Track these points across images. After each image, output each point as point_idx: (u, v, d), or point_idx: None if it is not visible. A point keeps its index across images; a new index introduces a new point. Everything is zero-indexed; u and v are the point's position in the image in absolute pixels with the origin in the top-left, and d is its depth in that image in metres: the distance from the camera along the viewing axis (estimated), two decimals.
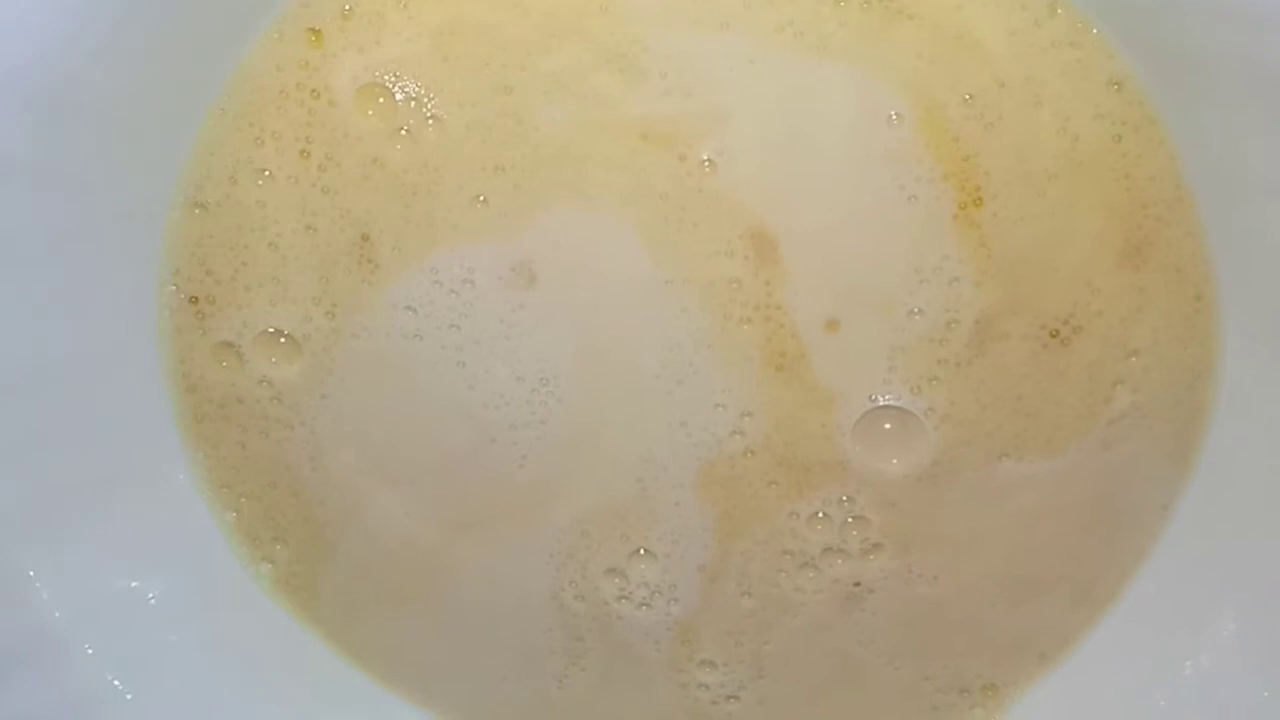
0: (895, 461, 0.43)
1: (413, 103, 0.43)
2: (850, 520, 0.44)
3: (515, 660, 0.45)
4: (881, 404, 0.43)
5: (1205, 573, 0.43)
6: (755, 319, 0.43)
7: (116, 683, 0.42)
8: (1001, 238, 0.42)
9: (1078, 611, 0.45)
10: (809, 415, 0.43)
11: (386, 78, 0.43)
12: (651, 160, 0.42)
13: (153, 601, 0.43)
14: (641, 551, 0.44)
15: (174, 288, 0.44)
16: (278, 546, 0.45)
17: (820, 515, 0.44)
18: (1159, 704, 0.43)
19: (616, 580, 0.44)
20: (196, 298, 0.44)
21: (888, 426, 0.43)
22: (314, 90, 0.43)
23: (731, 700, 0.45)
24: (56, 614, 0.41)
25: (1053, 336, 0.43)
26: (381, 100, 0.43)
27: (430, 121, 0.43)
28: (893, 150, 0.42)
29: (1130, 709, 0.43)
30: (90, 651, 0.42)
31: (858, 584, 0.44)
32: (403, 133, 0.43)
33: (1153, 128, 0.42)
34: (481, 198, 0.43)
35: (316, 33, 0.43)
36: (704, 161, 0.42)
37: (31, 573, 0.41)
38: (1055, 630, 0.45)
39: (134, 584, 0.43)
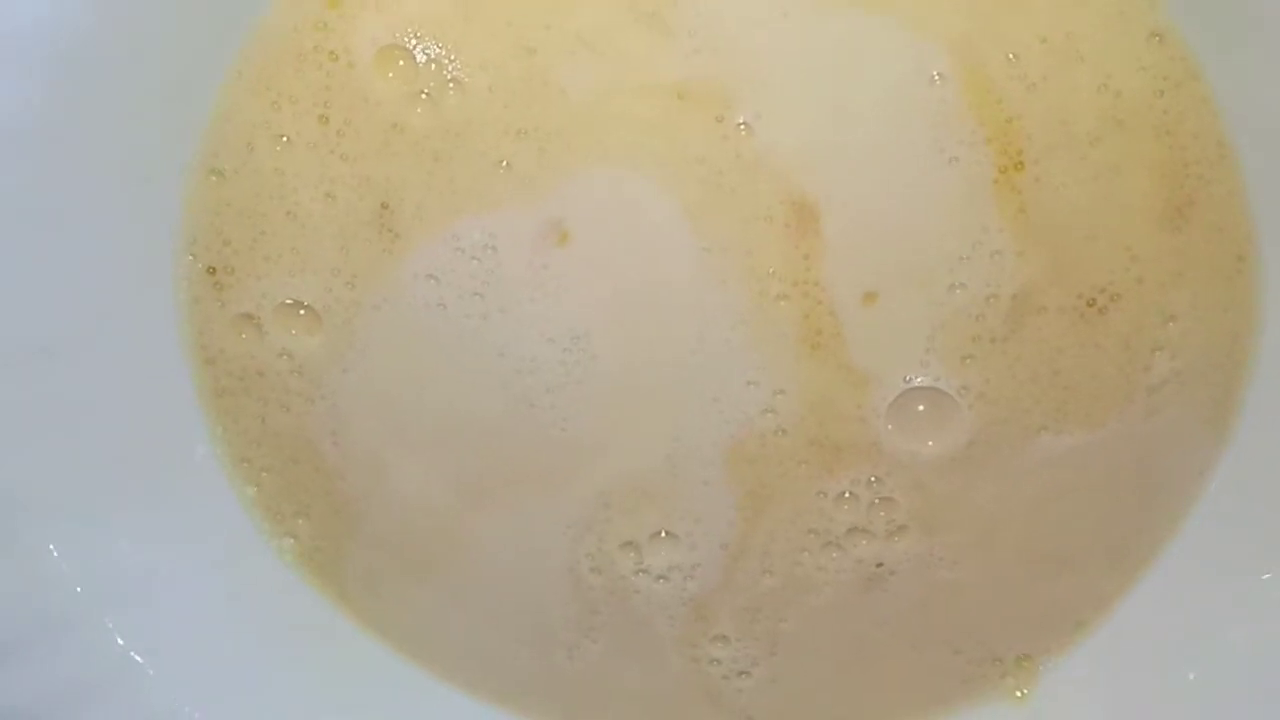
0: (930, 444, 0.43)
1: (433, 65, 0.42)
2: (877, 501, 0.43)
3: (530, 630, 0.45)
4: (917, 385, 0.42)
5: (1243, 538, 0.43)
6: (793, 295, 0.42)
7: (138, 657, 0.42)
8: (1041, 204, 0.41)
9: (1113, 578, 0.44)
10: (843, 395, 0.42)
11: (407, 39, 0.41)
12: (686, 123, 0.41)
13: (174, 576, 0.43)
14: (665, 526, 0.44)
15: (191, 257, 0.43)
16: (300, 521, 0.45)
17: (847, 495, 0.43)
18: (1194, 671, 0.42)
19: (633, 554, 0.44)
20: (214, 268, 0.43)
21: (922, 408, 0.43)
22: (332, 52, 0.42)
23: (743, 676, 0.45)
24: (77, 588, 0.41)
25: (1090, 306, 0.42)
26: (401, 62, 0.42)
27: (451, 84, 0.42)
28: (935, 112, 0.41)
29: (1165, 677, 0.43)
30: (111, 626, 0.42)
31: (880, 565, 0.44)
32: (423, 96, 0.42)
33: (1195, 82, 0.41)
34: (505, 163, 0.42)
35: None
36: (740, 125, 0.41)
37: (52, 547, 0.41)
38: (1091, 597, 0.44)
39: (155, 558, 0.43)
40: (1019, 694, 0.44)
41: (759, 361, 0.42)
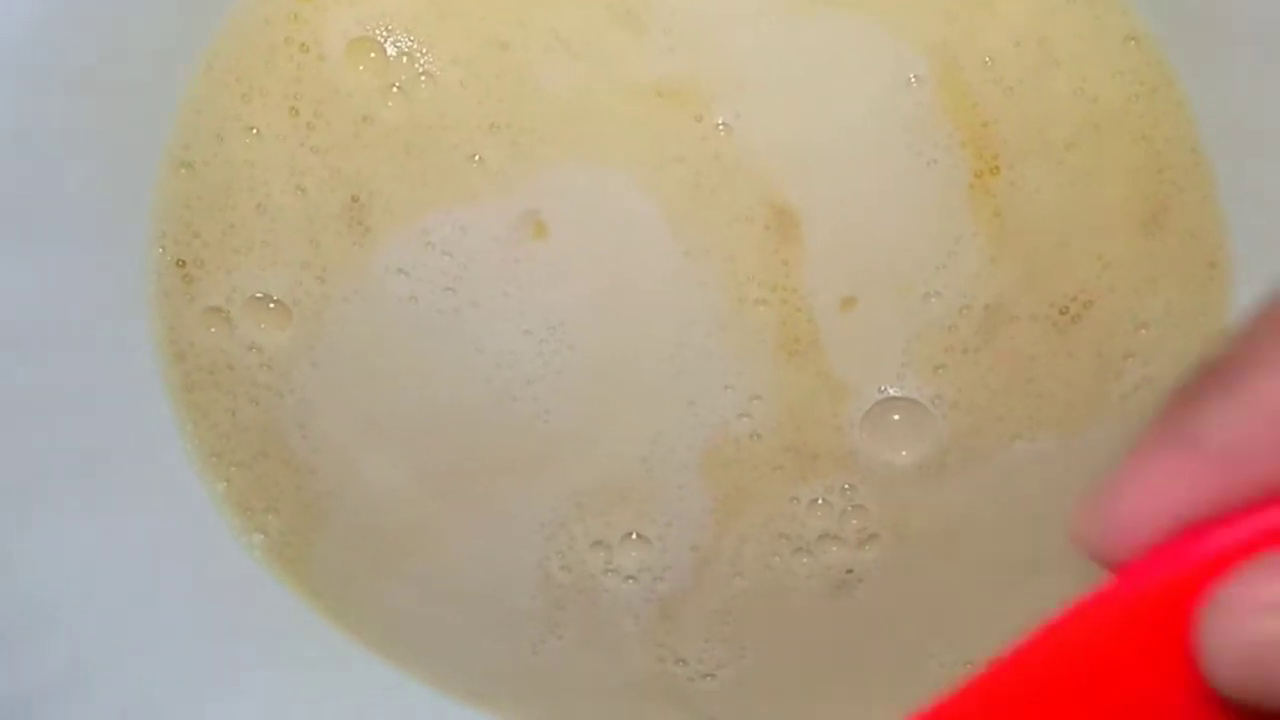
0: (905, 453, 0.43)
1: (405, 58, 0.41)
2: (850, 508, 0.43)
3: (495, 624, 0.45)
4: (892, 394, 0.42)
5: None
6: (771, 300, 0.42)
7: (105, 653, 0.41)
8: (1016, 208, 0.41)
9: (1084, 582, 0.44)
10: (819, 403, 0.42)
11: (378, 31, 0.41)
12: (665, 121, 0.41)
13: (143, 571, 0.43)
14: (636, 527, 0.44)
15: (161, 250, 0.43)
16: (269, 517, 0.44)
17: (820, 502, 0.43)
18: None
19: (604, 554, 0.44)
20: (184, 261, 0.42)
21: (897, 417, 0.42)
22: (303, 44, 0.41)
23: (708, 678, 0.45)
24: (44, 583, 0.41)
25: (1062, 314, 0.42)
26: (373, 55, 0.41)
27: (423, 78, 0.41)
28: (912, 115, 0.41)
29: None
30: (79, 622, 0.41)
31: (850, 571, 0.44)
32: (395, 89, 0.41)
33: (1170, 86, 0.41)
34: (477, 157, 0.41)
35: None
36: (719, 125, 0.41)
37: (17, 541, 0.40)
38: (1062, 600, 0.44)
39: (123, 553, 0.42)
40: None
41: (736, 366, 0.42)
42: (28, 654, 0.40)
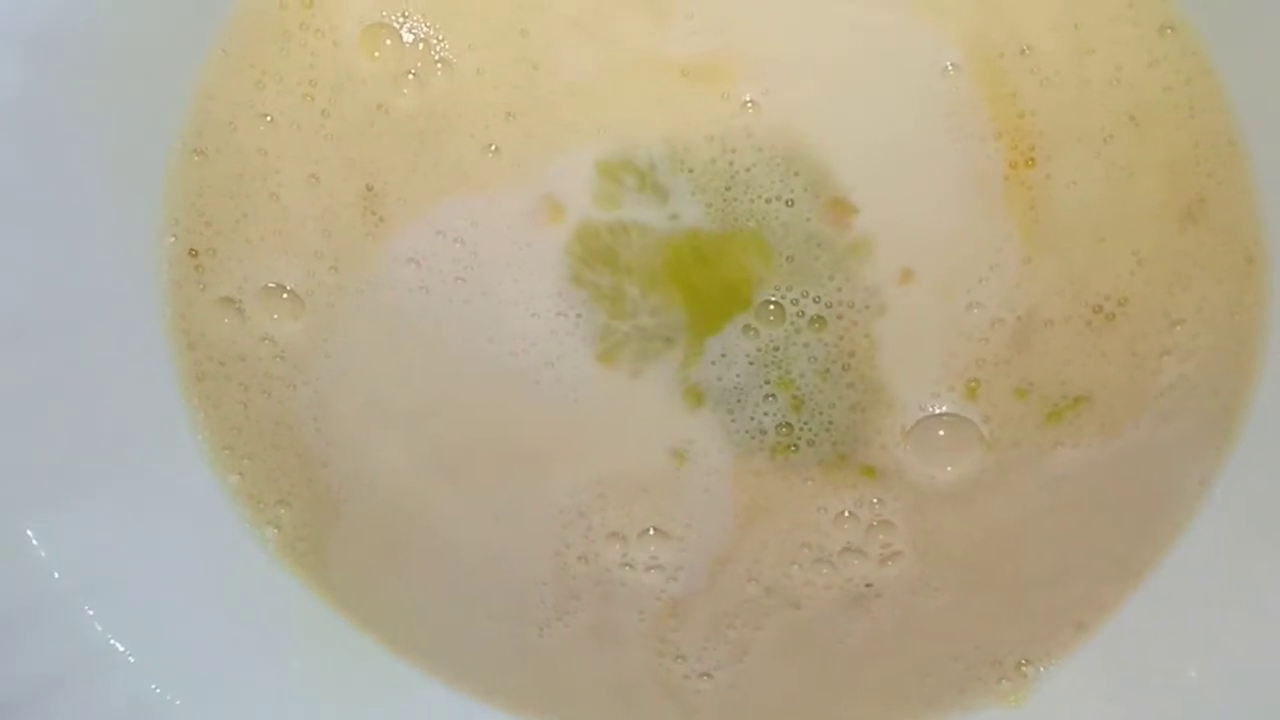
0: (949, 469, 0.42)
1: (421, 45, 0.41)
2: (876, 523, 0.42)
3: (505, 608, 0.44)
4: (937, 411, 0.41)
5: (1245, 544, 0.42)
6: (822, 309, 0.41)
7: (118, 645, 0.41)
8: (1051, 202, 0.40)
9: (1115, 583, 0.43)
10: (863, 417, 0.42)
11: (394, 17, 0.41)
12: (691, 101, 0.40)
13: (154, 563, 0.42)
14: (656, 524, 0.43)
15: (173, 239, 0.42)
16: (282, 510, 0.44)
17: (847, 514, 0.42)
18: (1194, 675, 0.42)
19: (620, 547, 0.43)
20: (196, 250, 0.42)
21: (942, 433, 0.42)
22: (318, 30, 0.41)
23: (704, 678, 0.44)
24: (55, 575, 0.41)
25: (1096, 313, 0.41)
26: (388, 42, 0.41)
27: (439, 65, 0.41)
28: (948, 104, 0.40)
29: (1164, 682, 0.42)
30: (90, 613, 0.41)
31: (869, 585, 0.43)
32: (410, 76, 0.41)
33: (1206, 77, 0.40)
34: (493, 147, 0.41)
35: None
36: (747, 103, 0.40)
37: (30, 533, 0.40)
38: (1092, 602, 0.43)
39: (135, 546, 0.42)
40: (1014, 699, 0.44)
41: (778, 374, 0.41)
42: (37, 643, 0.40)
